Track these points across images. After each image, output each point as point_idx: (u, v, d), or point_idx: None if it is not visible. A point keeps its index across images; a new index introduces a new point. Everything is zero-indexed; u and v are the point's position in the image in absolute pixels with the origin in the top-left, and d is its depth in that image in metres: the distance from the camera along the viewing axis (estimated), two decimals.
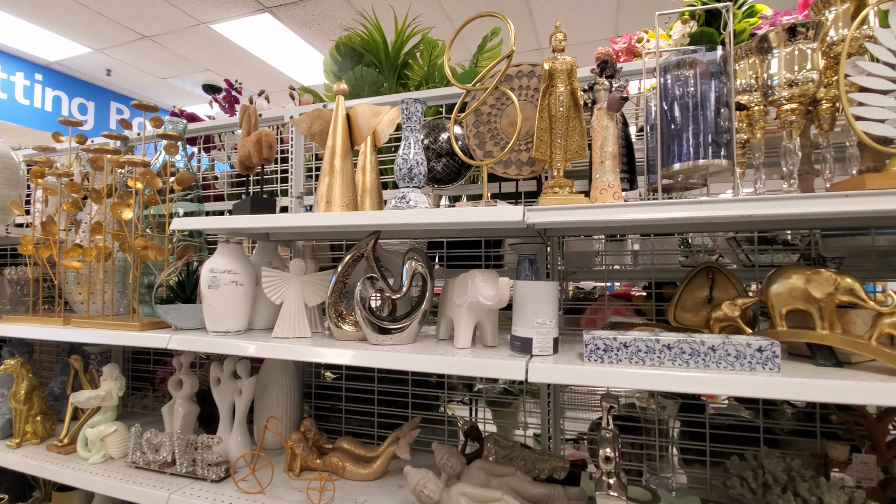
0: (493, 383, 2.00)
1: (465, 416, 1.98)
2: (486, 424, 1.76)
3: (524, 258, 1.25)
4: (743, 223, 1.23)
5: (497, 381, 1.99)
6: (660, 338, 0.92)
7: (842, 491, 1.00)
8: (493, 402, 1.85)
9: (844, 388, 0.80)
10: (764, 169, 1.12)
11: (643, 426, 1.40)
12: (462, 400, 1.98)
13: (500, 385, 1.98)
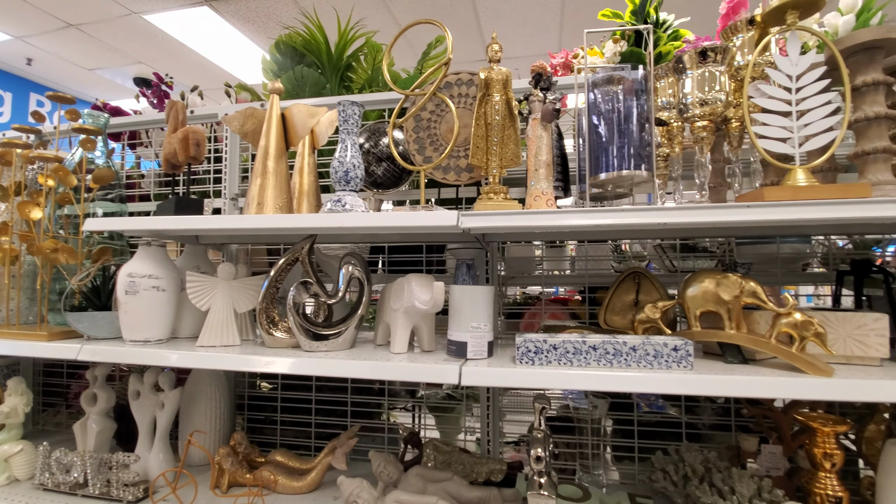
0: (437, 389, 2.00)
1: (408, 423, 1.97)
2: (427, 431, 1.75)
3: (462, 263, 1.26)
4: (663, 231, 1.31)
5: (441, 386, 1.99)
6: (586, 339, 0.96)
7: (751, 480, 1.07)
8: (437, 408, 1.85)
9: (748, 383, 0.86)
10: (683, 181, 1.21)
11: (577, 426, 1.45)
12: (405, 407, 1.96)
13: (443, 391, 1.98)
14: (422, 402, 1.84)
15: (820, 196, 0.86)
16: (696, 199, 1.05)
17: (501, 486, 1.23)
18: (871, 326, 0.94)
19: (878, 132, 0.94)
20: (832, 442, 1.02)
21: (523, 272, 1.71)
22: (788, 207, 0.86)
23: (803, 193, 0.87)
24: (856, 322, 0.95)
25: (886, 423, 1.19)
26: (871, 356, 0.94)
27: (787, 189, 0.89)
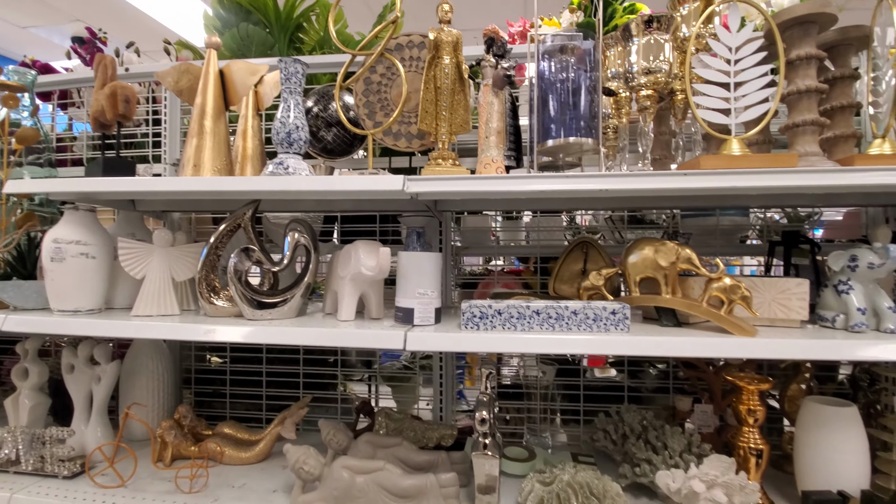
0: (394, 360, 2.00)
1: (364, 395, 1.97)
2: (385, 403, 1.76)
3: (412, 231, 1.25)
4: (608, 199, 1.33)
5: (399, 357, 2.00)
6: (530, 305, 0.97)
7: (682, 436, 1.14)
8: (393, 379, 1.86)
9: (678, 344, 0.91)
10: (633, 154, 1.23)
11: (525, 392, 1.49)
12: (361, 379, 1.96)
13: (400, 361, 1.99)
14: (376, 372, 1.84)
15: (752, 165, 0.89)
16: (637, 168, 1.07)
17: (452, 451, 1.25)
18: (793, 291, 1.00)
19: (808, 105, 0.98)
20: (756, 399, 1.09)
21: (479, 243, 1.72)
22: (722, 175, 0.89)
23: (737, 162, 0.91)
24: (780, 287, 1.01)
25: (807, 383, 1.28)
26: (793, 318, 1.01)
27: (722, 158, 0.92)
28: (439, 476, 1.07)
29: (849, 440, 1.00)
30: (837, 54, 1.07)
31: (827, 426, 1.01)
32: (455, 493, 1.08)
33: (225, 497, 1.12)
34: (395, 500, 1.05)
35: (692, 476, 0.98)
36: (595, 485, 1.01)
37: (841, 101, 1.06)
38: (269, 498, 1.13)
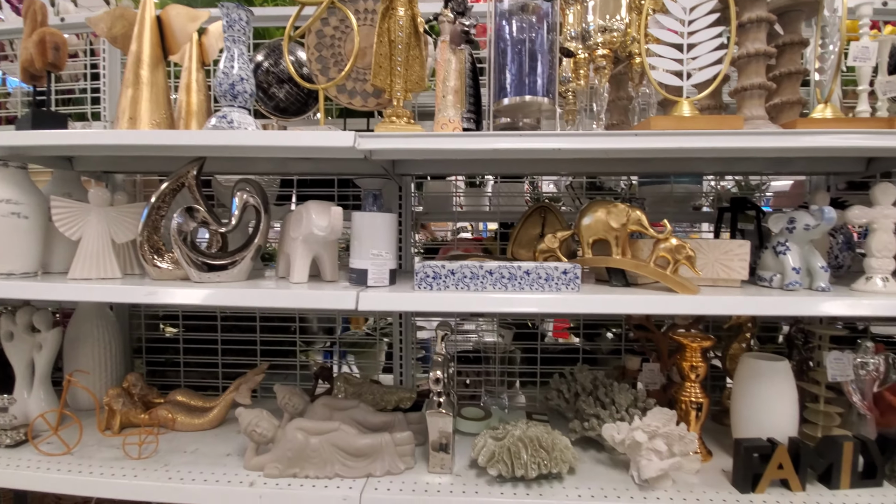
0: (359, 327, 2.00)
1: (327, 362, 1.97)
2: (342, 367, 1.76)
3: (369, 193, 1.22)
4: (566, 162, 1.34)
5: (366, 323, 1.99)
6: (484, 265, 0.97)
7: (628, 392, 1.19)
8: (356, 345, 1.85)
9: (624, 302, 0.93)
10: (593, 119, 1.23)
11: (483, 356, 1.51)
12: (323, 346, 1.95)
13: (364, 329, 1.98)
14: (336, 338, 1.83)
15: (700, 127, 0.91)
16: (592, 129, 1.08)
17: (410, 412, 1.27)
18: (735, 252, 1.04)
19: (757, 68, 0.99)
20: (698, 356, 1.14)
21: (442, 210, 1.70)
22: (671, 137, 0.90)
23: (686, 123, 0.92)
24: (723, 248, 1.05)
25: (748, 342, 1.35)
26: (734, 278, 1.05)
27: (671, 119, 0.93)
28: (394, 435, 1.09)
29: (780, 392, 1.06)
30: (788, 20, 1.08)
31: (761, 380, 1.07)
32: (410, 451, 1.10)
33: (176, 462, 1.10)
34: (350, 459, 1.06)
35: (635, 427, 1.03)
36: (544, 438, 1.04)
37: (789, 68, 1.08)
38: (222, 462, 1.12)
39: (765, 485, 0.99)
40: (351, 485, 1.02)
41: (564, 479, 1.05)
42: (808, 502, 0.97)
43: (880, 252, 0.97)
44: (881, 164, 1.24)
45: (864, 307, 0.92)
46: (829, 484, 1.01)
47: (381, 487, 1.01)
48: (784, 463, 0.99)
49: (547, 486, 1.02)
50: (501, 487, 1.01)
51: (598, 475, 1.07)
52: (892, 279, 0.97)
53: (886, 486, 1.02)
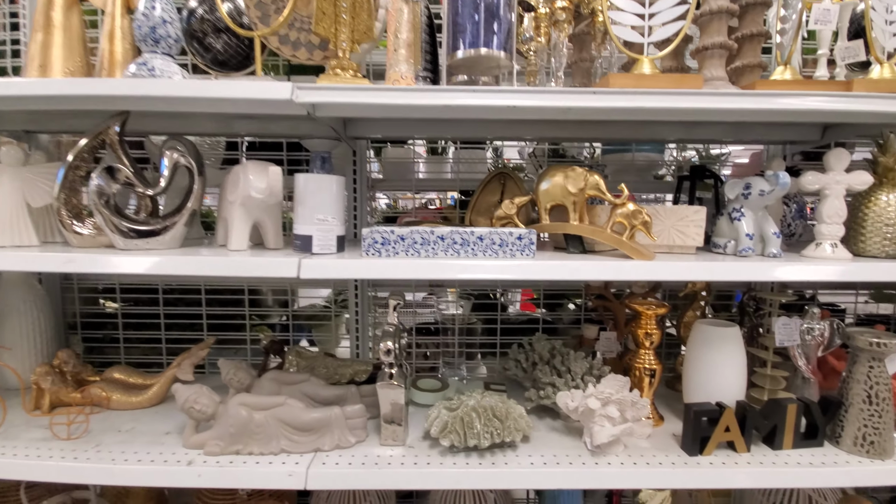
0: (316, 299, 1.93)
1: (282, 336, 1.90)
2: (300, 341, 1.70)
3: (317, 156, 1.14)
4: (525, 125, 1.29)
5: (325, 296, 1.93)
6: (435, 230, 0.92)
7: (584, 360, 1.18)
8: (315, 318, 1.79)
9: (579, 268, 0.90)
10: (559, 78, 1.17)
11: (442, 326, 1.48)
12: (279, 319, 1.88)
13: (322, 302, 1.92)
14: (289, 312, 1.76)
15: (659, 85, 0.87)
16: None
17: (365, 385, 1.23)
18: (691, 218, 1.03)
19: (719, 27, 0.96)
20: (653, 323, 1.14)
21: (401, 177, 1.63)
22: (629, 95, 0.86)
23: (645, 81, 0.88)
24: (679, 214, 1.03)
25: (702, 310, 1.36)
26: (689, 245, 1.04)
27: (631, 77, 0.89)
28: (345, 408, 1.05)
29: (730, 358, 1.07)
30: None
31: (711, 345, 1.08)
32: (362, 424, 1.06)
33: (109, 442, 1.03)
34: (297, 434, 1.01)
35: (589, 395, 1.02)
36: (499, 408, 1.03)
37: (751, 29, 1.05)
38: (160, 441, 1.06)
39: (712, 447, 1.01)
40: (297, 460, 0.98)
41: (518, 448, 1.04)
42: (751, 462, 0.99)
43: (830, 218, 0.98)
44: (836, 132, 1.24)
45: (813, 273, 0.93)
46: (773, 444, 1.04)
47: (329, 462, 0.97)
48: (731, 426, 1.01)
49: (500, 454, 1.01)
50: (454, 458, 0.99)
51: (552, 442, 1.07)
52: (840, 245, 0.98)
53: (827, 445, 1.06)
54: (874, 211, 0.98)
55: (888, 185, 0.98)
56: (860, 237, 1.00)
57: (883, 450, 1.00)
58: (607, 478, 0.96)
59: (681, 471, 0.97)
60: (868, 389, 1.01)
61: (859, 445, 1.01)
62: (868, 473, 0.99)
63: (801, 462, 0.99)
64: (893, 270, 0.92)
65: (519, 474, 0.95)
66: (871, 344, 0.99)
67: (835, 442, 1.05)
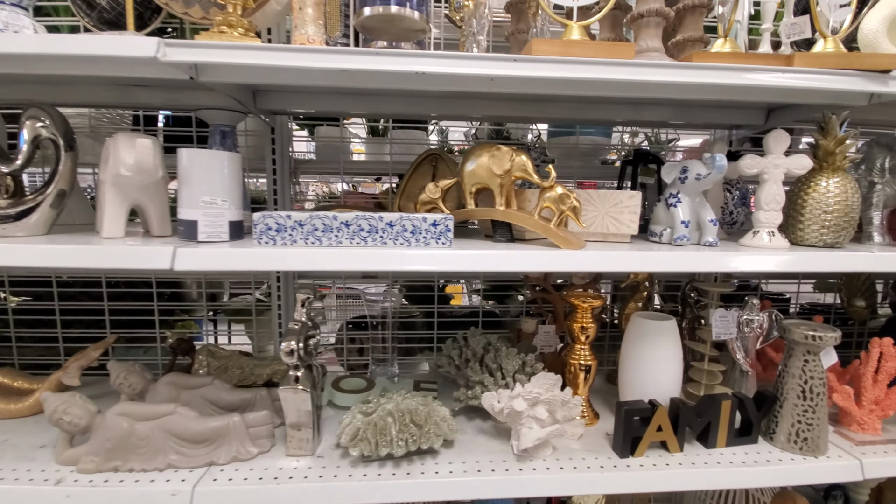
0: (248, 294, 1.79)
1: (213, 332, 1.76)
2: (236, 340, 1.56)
3: (216, 129, 1.01)
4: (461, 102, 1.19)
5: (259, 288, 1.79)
6: (338, 215, 0.81)
7: (517, 357, 1.10)
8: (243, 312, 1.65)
9: (498, 258, 0.81)
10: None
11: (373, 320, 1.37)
12: (207, 314, 1.73)
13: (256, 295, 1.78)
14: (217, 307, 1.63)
15: (586, 53, 0.78)
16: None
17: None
18: (625, 203, 0.95)
19: None
20: (588, 317, 1.07)
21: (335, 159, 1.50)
22: (551, 64, 0.76)
23: (572, 49, 0.78)
24: (613, 200, 0.95)
25: (644, 301, 1.31)
26: (623, 233, 0.96)
27: (556, 43, 0.79)
28: (246, 416, 0.93)
29: (665, 352, 1.02)
30: None
31: (646, 339, 1.02)
32: (267, 433, 0.95)
33: None
34: (188, 446, 0.90)
35: (515, 395, 0.94)
36: (419, 411, 0.93)
37: (693, 0, 0.97)
38: (31, 455, 0.92)
39: (644, 448, 0.95)
40: (185, 476, 0.86)
41: (439, 454, 0.95)
42: (683, 463, 0.94)
43: (768, 205, 0.92)
44: (780, 116, 1.19)
45: (747, 263, 0.87)
46: (707, 443, 0.99)
47: (221, 477, 0.86)
48: (663, 425, 0.95)
49: (418, 462, 0.92)
50: (366, 468, 0.89)
51: (478, 447, 0.98)
52: (777, 234, 0.92)
53: (762, 442, 1.02)
54: (813, 197, 0.92)
55: (828, 170, 0.93)
56: (799, 225, 0.95)
57: (816, 447, 0.96)
58: (531, 485, 0.89)
59: (609, 475, 0.90)
60: (802, 384, 0.96)
61: (793, 442, 0.97)
62: (801, 471, 0.95)
63: (734, 461, 0.95)
64: (829, 260, 0.87)
65: (435, 485, 0.87)
66: (807, 337, 0.94)
67: (769, 438, 1.01)
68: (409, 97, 1.20)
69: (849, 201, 0.91)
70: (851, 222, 0.92)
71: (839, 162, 0.92)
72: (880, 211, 1.02)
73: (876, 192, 1.01)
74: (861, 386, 1.03)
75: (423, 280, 1.57)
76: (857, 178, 1.05)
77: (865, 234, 1.04)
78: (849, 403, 1.02)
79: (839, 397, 1.02)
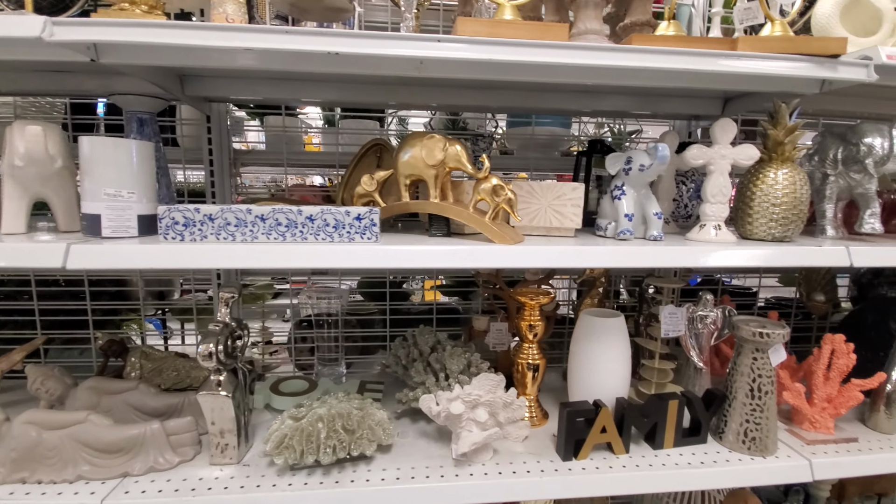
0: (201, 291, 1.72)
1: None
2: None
3: (132, 116, 0.94)
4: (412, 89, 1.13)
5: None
6: (253, 209, 0.76)
7: (462, 357, 1.06)
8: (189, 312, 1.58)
9: (426, 254, 0.76)
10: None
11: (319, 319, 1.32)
12: (155, 313, 1.66)
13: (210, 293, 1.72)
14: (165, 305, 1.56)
15: (516, 35, 0.73)
16: None
17: None
18: (568, 196, 0.90)
19: None
20: (536, 314, 1.02)
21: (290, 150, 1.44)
22: (478, 45, 0.71)
23: (500, 29, 0.73)
24: (556, 192, 0.91)
25: (600, 297, 1.27)
26: (567, 227, 0.92)
27: (484, 24, 0.74)
28: (167, 423, 0.88)
29: (612, 350, 0.98)
30: None
31: (593, 337, 0.98)
32: (191, 440, 0.90)
33: None
34: (101, 456, 0.84)
35: (454, 397, 0.90)
36: (352, 416, 0.89)
37: None
38: None
39: (587, 450, 0.91)
40: (96, 489, 0.80)
41: (374, 460, 0.90)
42: (627, 465, 0.90)
43: (714, 197, 0.88)
44: (736, 105, 1.16)
45: (693, 258, 0.83)
46: (654, 443, 0.96)
47: (134, 490, 0.81)
48: (608, 426, 0.91)
49: (350, 470, 0.87)
50: (293, 477, 0.84)
51: (417, 452, 0.94)
52: (724, 227, 0.89)
53: (712, 441, 0.99)
54: (761, 189, 0.89)
55: (777, 160, 0.89)
56: (747, 218, 0.91)
57: (765, 446, 0.93)
58: (466, 492, 0.84)
59: (550, 479, 0.86)
60: (751, 382, 0.93)
61: (741, 441, 0.94)
62: (749, 472, 0.92)
63: (680, 463, 0.91)
64: (775, 255, 0.84)
65: (365, 494, 0.82)
66: (754, 334, 0.91)
67: (719, 437, 0.98)
68: (363, 84, 1.14)
69: (797, 193, 0.87)
70: (800, 215, 0.88)
71: (788, 153, 0.89)
72: (833, 203, 0.99)
73: (829, 185, 0.98)
74: (813, 384, 1.00)
75: (380, 276, 1.52)
76: (811, 170, 1.02)
77: (819, 227, 1.01)
78: (800, 402, 0.99)
79: (790, 395, 0.99)
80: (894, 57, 0.80)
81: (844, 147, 0.94)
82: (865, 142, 0.90)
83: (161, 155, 0.96)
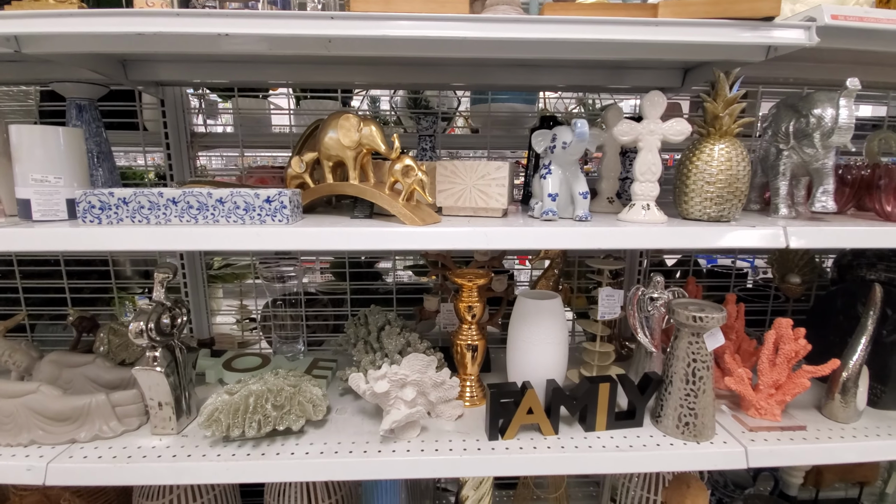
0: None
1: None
2: None
3: (72, 103, 0.98)
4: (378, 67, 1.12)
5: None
6: (164, 192, 0.78)
7: (400, 336, 1.07)
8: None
9: (337, 236, 0.77)
10: None
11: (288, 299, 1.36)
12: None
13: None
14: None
15: (411, 8, 0.70)
16: None
17: None
18: (493, 175, 0.88)
19: None
20: (474, 295, 1.02)
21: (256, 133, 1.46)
22: (371, 21, 0.70)
23: (394, 4, 0.71)
24: (480, 172, 0.89)
25: (556, 278, 1.25)
26: (493, 207, 0.90)
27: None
28: (112, 394, 0.93)
29: (547, 332, 0.96)
30: None
31: (527, 319, 0.97)
32: (137, 411, 0.95)
33: None
34: (51, 423, 0.90)
35: (381, 376, 0.91)
36: (284, 391, 0.92)
37: None
38: None
39: (514, 430, 0.92)
40: (44, 452, 0.87)
41: (306, 434, 0.94)
42: (552, 446, 0.90)
43: (643, 175, 0.84)
44: (696, 75, 1.09)
45: (617, 239, 0.80)
46: (586, 426, 0.95)
47: (78, 454, 0.87)
48: (534, 407, 0.91)
49: (279, 443, 0.91)
50: (224, 449, 0.89)
51: (350, 427, 0.97)
52: (653, 207, 0.85)
53: (650, 426, 0.97)
54: (696, 167, 0.84)
55: (714, 136, 0.84)
56: (684, 197, 0.87)
57: (700, 432, 0.91)
58: (386, 467, 0.87)
59: (470, 458, 0.88)
60: (686, 367, 0.90)
61: (675, 426, 0.92)
62: (681, 457, 0.90)
63: (608, 446, 0.90)
64: (703, 235, 0.80)
65: (287, 466, 0.86)
66: (688, 318, 0.88)
67: (657, 421, 0.96)
68: (323, 64, 1.14)
69: (734, 170, 0.82)
70: (737, 193, 0.83)
71: (727, 126, 0.83)
72: (787, 180, 0.93)
73: (783, 160, 0.91)
74: (759, 369, 0.96)
75: (354, 257, 1.54)
76: (767, 145, 0.96)
77: (773, 206, 0.95)
78: (742, 387, 0.96)
79: (731, 381, 0.96)
80: (840, 17, 0.73)
81: (796, 119, 0.87)
82: (815, 112, 0.83)
83: (103, 140, 0.99)
